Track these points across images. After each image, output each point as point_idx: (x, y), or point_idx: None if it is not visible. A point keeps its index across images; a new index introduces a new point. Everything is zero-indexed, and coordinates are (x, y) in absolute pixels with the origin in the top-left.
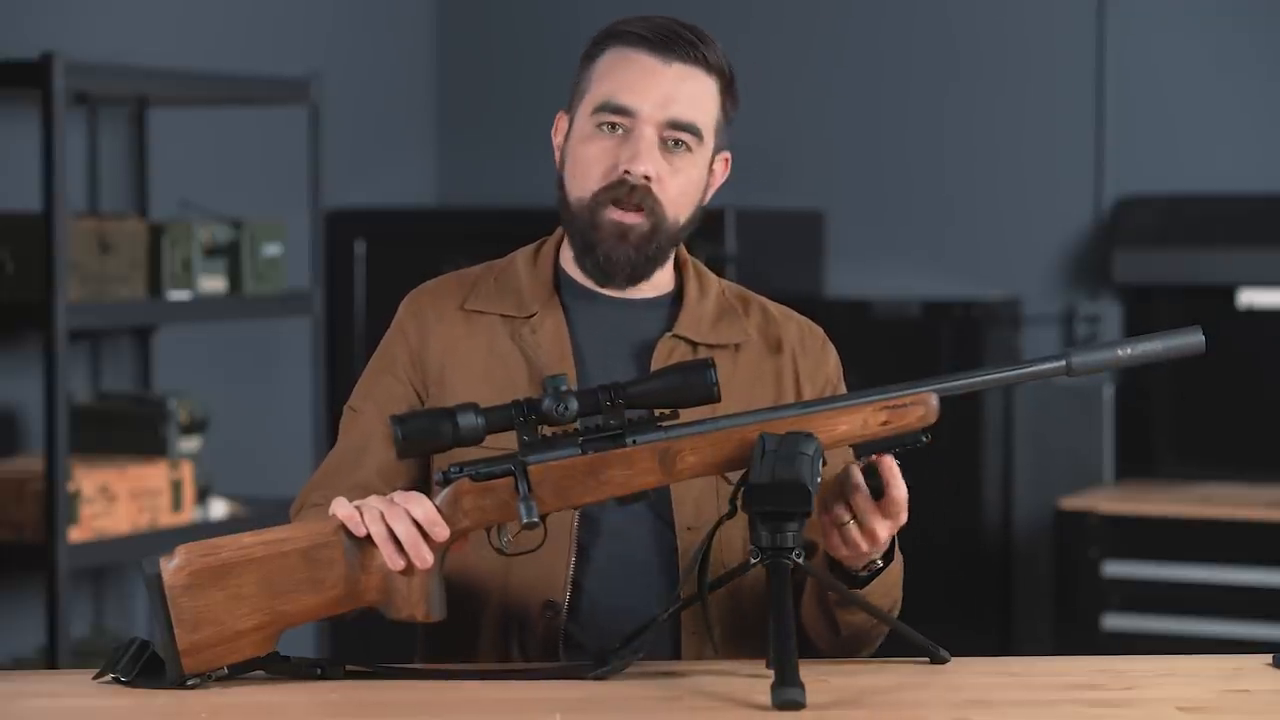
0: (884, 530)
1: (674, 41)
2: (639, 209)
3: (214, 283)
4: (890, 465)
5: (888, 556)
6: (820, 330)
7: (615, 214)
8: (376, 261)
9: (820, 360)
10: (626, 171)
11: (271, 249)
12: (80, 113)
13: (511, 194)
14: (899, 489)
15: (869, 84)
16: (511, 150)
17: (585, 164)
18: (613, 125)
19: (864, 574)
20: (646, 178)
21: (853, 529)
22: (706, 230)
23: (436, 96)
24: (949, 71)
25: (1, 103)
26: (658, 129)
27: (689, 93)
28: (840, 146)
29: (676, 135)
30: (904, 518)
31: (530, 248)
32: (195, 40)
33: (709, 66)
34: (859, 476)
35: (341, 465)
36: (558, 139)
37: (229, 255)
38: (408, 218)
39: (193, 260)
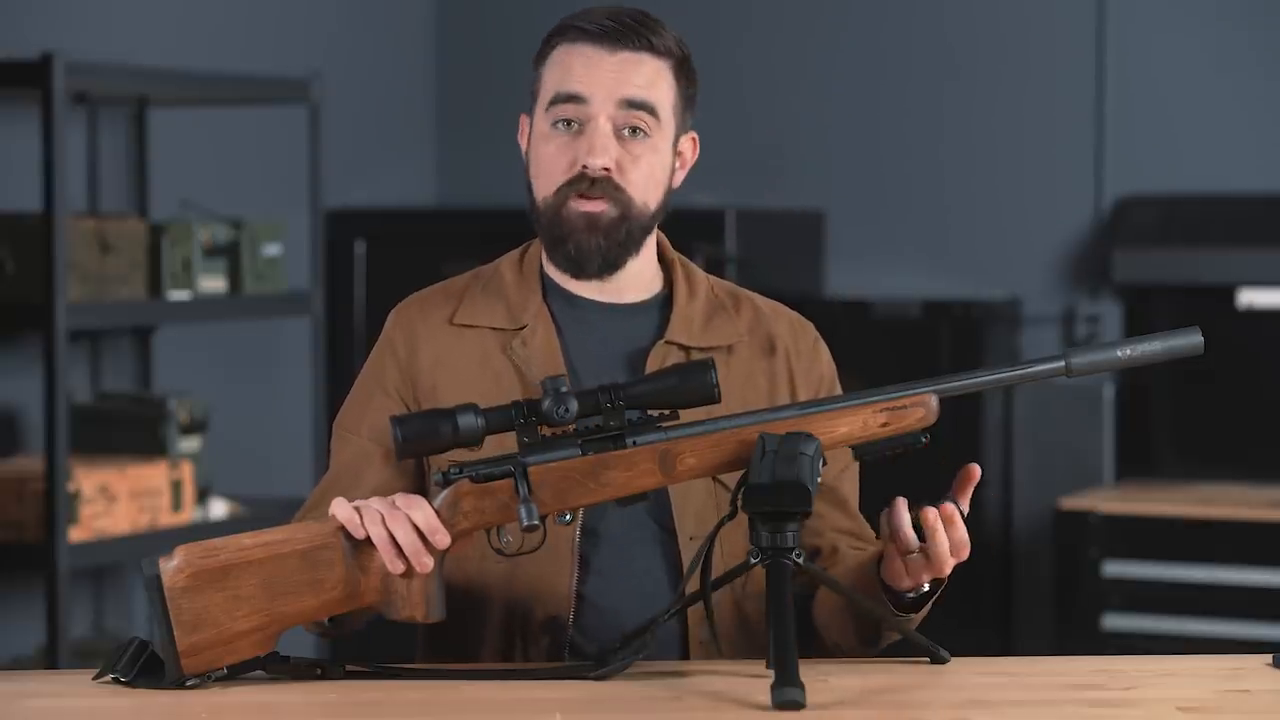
0: (949, 567)
1: (617, 30)
2: (603, 198)
3: (214, 283)
4: (931, 522)
5: (936, 582)
6: (811, 326)
7: (581, 204)
8: (376, 261)
9: (813, 360)
10: (585, 166)
11: (271, 249)
12: (80, 113)
13: (512, 194)
14: (941, 544)
15: (869, 84)
16: (512, 150)
17: (546, 162)
18: (568, 122)
19: (910, 596)
20: (605, 169)
21: (918, 560)
22: (707, 230)
23: (436, 96)
24: (948, 71)
25: (1, 103)
26: (611, 117)
27: (639, 76)
28: (840, 146)
29: (632, 120)
30: (965, 554)
31: (515, 253)
32: (195, 40)
33: (655, 49)
34: (942, 532)
35: (338, 488)
36: (523, 143)
37: (229, 255)
38: (408, 218)
39: (193, 260)
